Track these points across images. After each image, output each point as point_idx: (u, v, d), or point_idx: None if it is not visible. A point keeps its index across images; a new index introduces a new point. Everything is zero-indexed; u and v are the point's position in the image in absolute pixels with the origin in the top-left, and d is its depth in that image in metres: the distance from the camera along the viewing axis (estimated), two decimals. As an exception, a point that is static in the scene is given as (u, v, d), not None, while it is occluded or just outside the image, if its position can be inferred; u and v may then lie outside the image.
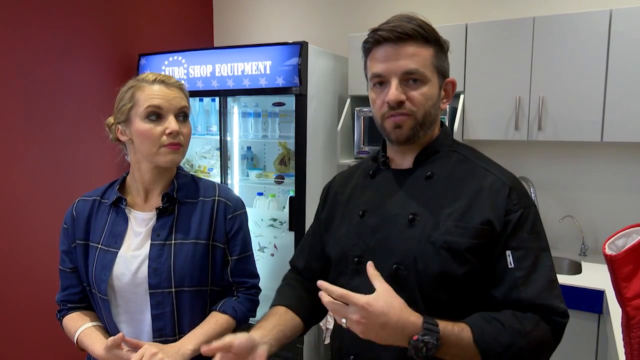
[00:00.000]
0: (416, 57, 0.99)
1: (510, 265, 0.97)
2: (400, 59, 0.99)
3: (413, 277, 0.99)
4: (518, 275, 0.96)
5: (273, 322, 1.09)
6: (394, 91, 0.99)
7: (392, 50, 1.00)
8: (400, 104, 1.00)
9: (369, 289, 0.99)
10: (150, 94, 1.21)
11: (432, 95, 1.02)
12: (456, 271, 0.97)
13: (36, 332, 2.56)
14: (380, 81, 1.03)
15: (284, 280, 1.29)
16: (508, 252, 0.97)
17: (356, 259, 1.06)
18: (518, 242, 0.98)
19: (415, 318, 0.88)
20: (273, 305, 1.17)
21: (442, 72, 1.05)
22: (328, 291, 0.89)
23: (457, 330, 0.90)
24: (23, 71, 2.49)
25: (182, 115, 1.25)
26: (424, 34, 1.00)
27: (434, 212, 1.01)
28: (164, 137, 1.21)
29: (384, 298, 0.88)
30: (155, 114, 1.21)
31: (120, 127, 1.25)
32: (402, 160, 1.10)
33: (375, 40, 1.02)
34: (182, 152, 1.26)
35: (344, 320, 0.89)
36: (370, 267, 0.93)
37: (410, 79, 1.00)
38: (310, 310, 1.17)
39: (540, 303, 0.95)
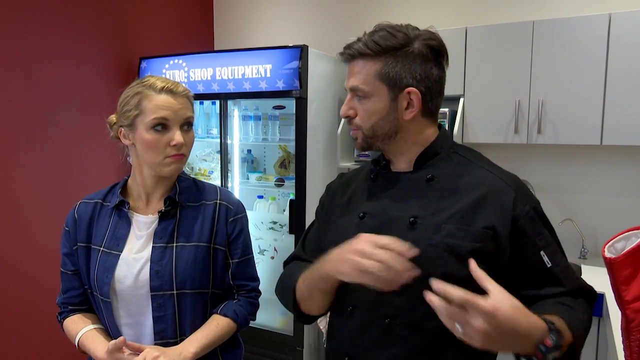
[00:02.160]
0: (359, 74, 1.03)
1: (548, 264, 1.00)
2: (350, 76, 1.05)
3: (413, 280, 0.99)
4: (557, 271, 1.01)
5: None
6: (343, 106, 1.07)
7: (347, 68, 1.07)
8: (349, 117, 1.07)
9: (369, 290, 0.99)
10: (158, 105, 1.20)
11: (378, 109, 1.03)
12: (459, 273, 0.96)
13: (37, 334, 2.56)
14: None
15: (290, 264, 1.25)
16: (542, 253, 1.00)
17: None
18: (544, 241, 1.02)
19: (538, 320, 0.83)
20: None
21: (396, 83, 1.01)
22: (446, 293, 0.79)
23: (560, 322, 0.89)
24: (24, 74, 2.50)
25: (187, 124, 1.26)
26: (365, 51, 1.01)
27: (434, 215, 1.01)
28: (169, 149, 1.22)
29: (508, 301, 0.78)
30: (161, 125, 1.21)
31: (123, 130, 1.26)
32: (399, 162, 1.10)
33: (342, 59, 1.09)
34: (184, 161, 1.28)
35: (459, 327, 0.79)
36: (474, 265, 0.84)
37: (356, 95, 1.05)
38: None
39: (583, 288, 1.04)
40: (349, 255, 0.91)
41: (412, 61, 1.01)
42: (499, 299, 0.78)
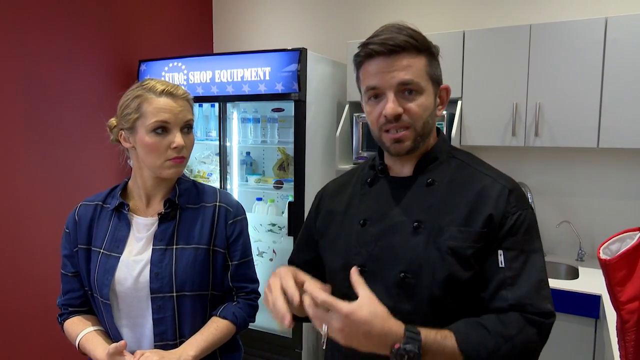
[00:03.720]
0: (410, 68, 0.99)
1: (501, 264, 0.97)
2: (394, 71, 0.98)
3: (420, 284, 0.99)
4: (507, 275, 0.96)
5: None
6: (391, 105, 0.99)
7: (385, 63, 0.99)
8: (398, 117, 1.00)
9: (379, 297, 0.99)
10: (158, 108, 1.21)
11: (429, 105, 1.02)
12: (462, 275, 0.98)
13: (37, 335, 2.56)
14: (376, 94, 1.02)
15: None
16: (500, 252, 0.98)
17: (359, 268, 1.05)
18: (511, 243, 0.98)
19: (397, 327, 0.88)
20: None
21: (436, 80, 1.05)
22: (312, 295, 0.87)
23: (440, 338, 0.90)
24: (24, 77, 2.50)
25: (187, 127, 1.27)
26: (415, 45, 0.99)
27: (437, 219, 1.01)
28: (169, 151, 1.22)
29: (367, 306, 0.86)
30: (162, 128, 1.21)
31: (123, 133, 1.26)
32: (401, 168, 1.10)
33: (367, 54, 1.01)
34: (184, 164, 1.28)
35: (324, 327, 0.87)
36: (354, 273, 0.92)
37: (405, 90, 1.00)
38: None
39: (526, 303, 0.95)
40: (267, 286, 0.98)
41: (436, 60, 1.05)
42: (360, 303, 0.86)
